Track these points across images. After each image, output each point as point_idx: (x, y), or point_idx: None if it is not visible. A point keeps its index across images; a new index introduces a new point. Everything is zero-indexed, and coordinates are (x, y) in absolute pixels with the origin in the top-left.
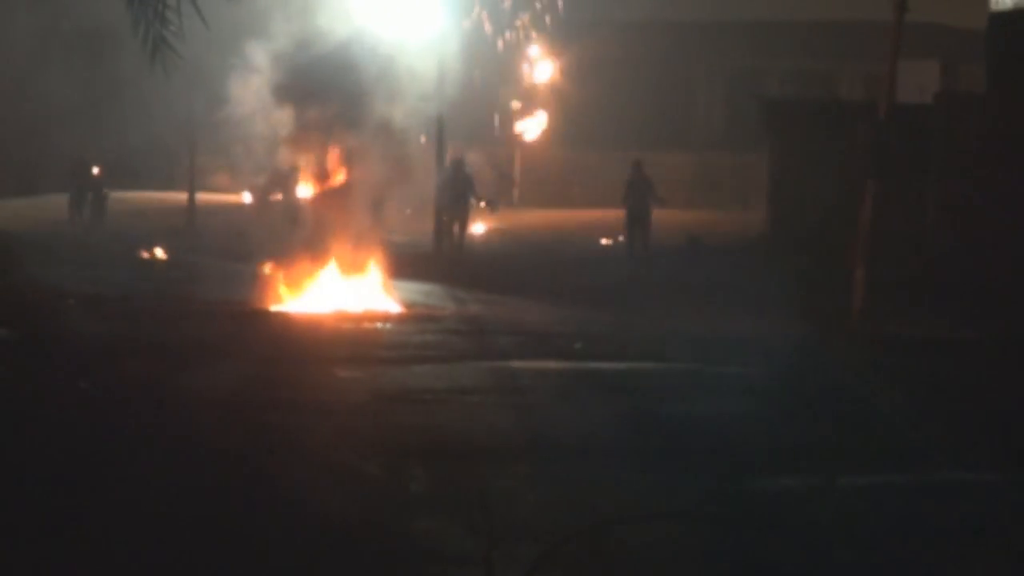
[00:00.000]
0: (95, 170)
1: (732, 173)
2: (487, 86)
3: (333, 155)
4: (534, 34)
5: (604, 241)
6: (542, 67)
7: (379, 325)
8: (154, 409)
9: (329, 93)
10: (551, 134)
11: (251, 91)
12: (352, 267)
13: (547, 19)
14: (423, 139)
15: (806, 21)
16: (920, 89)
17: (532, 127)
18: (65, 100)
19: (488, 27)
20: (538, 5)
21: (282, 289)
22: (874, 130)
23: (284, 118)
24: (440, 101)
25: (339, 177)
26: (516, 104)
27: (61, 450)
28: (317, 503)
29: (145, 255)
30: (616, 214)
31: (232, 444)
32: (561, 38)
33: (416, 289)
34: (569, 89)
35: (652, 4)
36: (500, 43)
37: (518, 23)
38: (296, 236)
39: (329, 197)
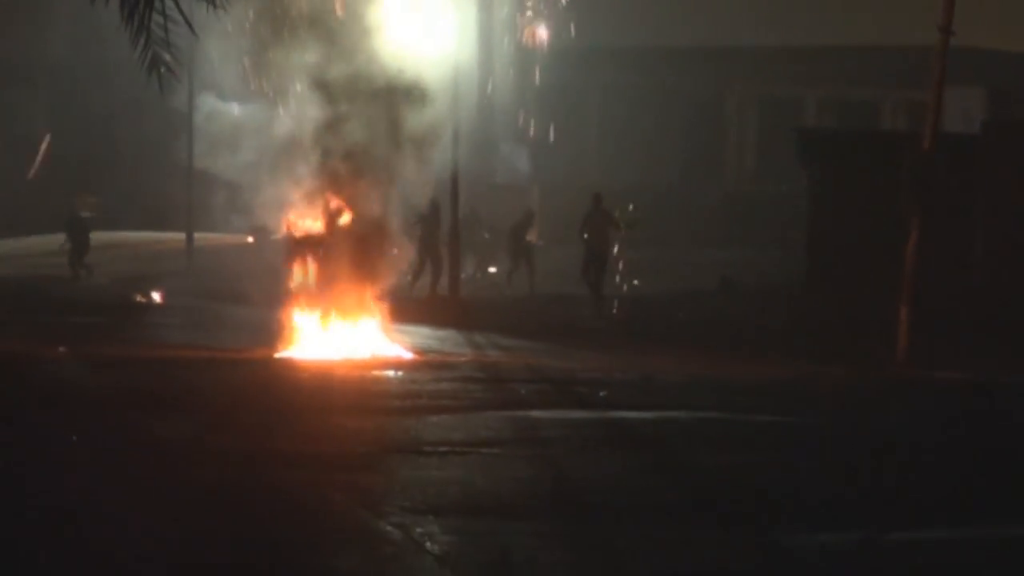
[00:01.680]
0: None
1: (767, 209)
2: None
3: (345, 197)
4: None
5: (636, 282)
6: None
7: (390, 373)
8: (152, 464)
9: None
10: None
11: (258, 128)
12: (361, 311)
13: None
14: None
15: (844, 46)
16: (965, 116)
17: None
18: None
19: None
20: None
21: (288, 335)
22: (919, 162)
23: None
24: (455, 148)
25: (347, 218)
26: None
27: (49, 509)
28: (326, 564)
29: (143, 299)
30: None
31: (232, 500)
32: (579, 64)
33: (428, 334)
34: (590, 119)
35: (680, 30)
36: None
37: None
38: (304, 278)
39: (340, 238)
